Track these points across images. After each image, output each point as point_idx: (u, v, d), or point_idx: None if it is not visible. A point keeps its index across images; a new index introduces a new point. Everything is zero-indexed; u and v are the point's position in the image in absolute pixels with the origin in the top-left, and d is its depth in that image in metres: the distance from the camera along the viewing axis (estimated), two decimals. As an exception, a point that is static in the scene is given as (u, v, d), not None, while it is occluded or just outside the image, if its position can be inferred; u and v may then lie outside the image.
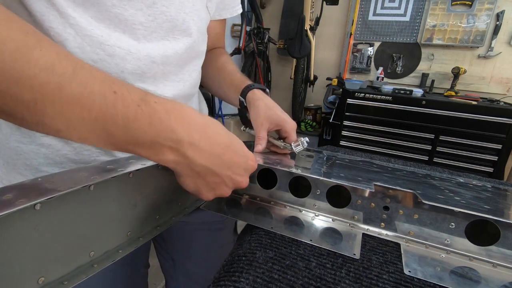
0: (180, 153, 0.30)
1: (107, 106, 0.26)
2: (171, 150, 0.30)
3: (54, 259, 0.28)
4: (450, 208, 0.38)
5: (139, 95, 0.28)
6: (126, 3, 0.39)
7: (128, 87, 0.28)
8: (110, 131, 0.27)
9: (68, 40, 0.38)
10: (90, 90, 0.26)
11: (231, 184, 0.36)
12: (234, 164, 0.34)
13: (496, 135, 1.93)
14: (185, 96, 0.52)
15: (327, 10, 2.51)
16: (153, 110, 0.28)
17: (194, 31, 0.47)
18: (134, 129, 0.28)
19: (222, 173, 0.34)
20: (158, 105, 0.28)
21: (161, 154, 0.30)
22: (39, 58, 0.24)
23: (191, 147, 0.30)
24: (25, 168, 0.43)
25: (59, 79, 0.25)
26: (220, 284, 0.32)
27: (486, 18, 2.19)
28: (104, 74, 0.28)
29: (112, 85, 0.27)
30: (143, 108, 0.28)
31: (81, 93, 0.25)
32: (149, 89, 0.45)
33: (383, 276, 0.34)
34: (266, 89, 0.58)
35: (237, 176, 0.36)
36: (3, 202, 0.24)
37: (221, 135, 0.33)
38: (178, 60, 0.47)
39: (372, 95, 2.15)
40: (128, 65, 0.41)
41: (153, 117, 0.28)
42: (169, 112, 0.29)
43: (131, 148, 0.29)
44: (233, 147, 0.34)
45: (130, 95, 0.28)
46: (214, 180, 0.34)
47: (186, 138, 0.30)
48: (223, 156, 0.33)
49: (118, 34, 0.40)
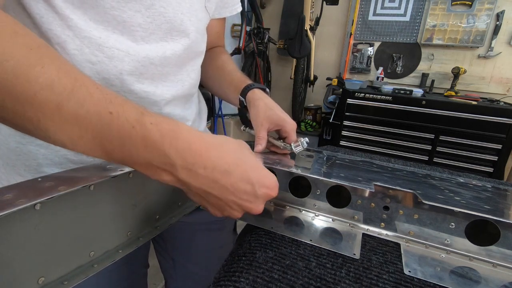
0: (174, 176, 0.30)
1: (102, 126, 0.27)
2: (166, 172, 0.30)
3: (54, 259, 0.28)
4: (450, 208, 0.38)
5: (135, 116, 0.28)
6: (124, 5, 0.39)
7: (124, 106, 0.28)
8: (108, 149, 0.28)
9: (67, 42, 0.38)
10: (86, 110, 0.26)
11: (238, 208, 0.34)
12: (238, 190, 0.32)
13: (496, 135, 1.93)
14: (184, 96, 0.52)
15: (327, 10, 2.51)
16: (148, 132, 0.28)
17: (192, 32, 0.47)
18: (129, 150, 0.28)
19: (223, 197, 0.32)
20: (153, 127, 0.28)
21: (158, 175, 0.30)
22: (40, 76, 0.25)
23: (184, 171, 0.29)
24: (25, 169, 0.43)
25: (57, 98, 0.25)
26: (220, 284, 0.32)
27: (486, 18, 2.19)
28: (102, 91, 0.28)
29: (109, 104, 0.27)
30: (138, 130, 0.28)
31: (78, 112, 0.26)
32: (148, 90, 0.45)
33: (383, 276, 0.34)
34: (266, 89, 0.58)
35: (244, 202, 0.33)
36: (3, 202, 0.24)
37: (220, 159, 0.31)
38: (177, 61, 0.47)
39: (372, 95, 2.15)
40: (127, 66, 0.41)
41: (147, 140, 0.28)
42: (164, 135, 0.28)
43: (129, 165, 0.30)
44: (237, 173, 0.31)
45: (125, 114, 0.27)
46: (217, 203, 0.33)
47: (179, 162, 0.29)
48: (221, 181, 0.31)
49: (117, 35, 0.40)
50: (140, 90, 0.44)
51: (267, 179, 0.34)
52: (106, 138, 0.27)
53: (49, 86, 0.25)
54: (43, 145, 0.42)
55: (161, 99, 0.47)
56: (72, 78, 0.26)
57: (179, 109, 0.52)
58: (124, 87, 0.42)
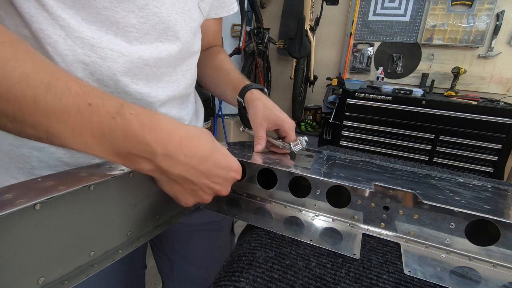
0: (155, 164, 0.31)
1: (82, 119, 0.27)
2: (146, 160, 0.31)
3: (54, 259, 0.28)
4: (450, 208, 0.38)
5: (115, 107, 0.28)
6: (117, 5, 0.38)
7: (104, 98, 0.28)
8: (87, 142, 0.28)
9: (58, 42, 0.37)
10: (65, 103, 0.26)
11: (209, 191, 0.37)
12: (212, 174, 0.35)
13: (496, 135, 1.93)
14: (180, 97, 0.52)
15: (327, 10, 2.51)
16: (128, 122, 0.28)
17: (186, 32, 0.47)
18: (109, 141, 0.28)
19: (198, 181, 0.35)
20: (133, 117, 0.29)
21: (137, 163, 0.31)
22: (14, 70, 0.24)
23: (164, 158, 0.31)
24: (18, 171, 0.42)
25: (34, 91, 0.25)
26: (220, 284, 0.32)
27: (486, 18, 2.19)
28: (80, 84, 0.28)
29: (88, 97, 0.27)
30: (118, 121, 0.28)
31: (56, 106, 0.26)
32: (143, 91, 0.44)
33: (383, 276, 0.34)
34: (265, 89, 0.58)
35: (215, 185, 0.36)
36: (3, 202, 0.24)
37: (199, 147, 0.33)
38: (171, 62, 0.47)
39: (372, 95, 2.15)
40: (121, 67, 0.41)
41: (127, 130, 0.28)
42: (144, 125, 0.29)
43: (109, 157, 0.30)
44: (212, 159, 0.34)
45: (105, 106, 0.28)
46: (191, 187, 0.35)
47: (159, 150, 0.30)
48: (199, 166, 0.33)
49: (110, 36, 0.39)
50: (135, 92, 0.44)
51: (234, 164, 0.38)
52: (85, 130, 0.27)
53: (24, 80, 0.25)
54: (37, 148, 0.42)
55: (156, 100, 0.47)
56: (48, 73, 0.26)
57: (175, 109, 0.52)
58: (119, 89, 0.42)
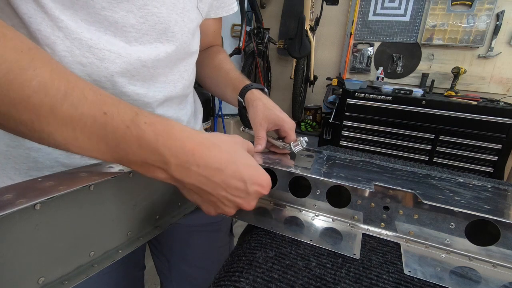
0: (168, 173, 0.31)
1: (97, 127, 0.27)
2: (160, 170, 0.31)
3: (54, 259, 0.28)
4: (450, 208, 0.38)
5: (130, 116, 0.28)
6: (116, 5, 0.38)
7: (119, 107, 0.28)
8: (103, 149, 0.28)
9: (56, 43, 0.37)
10: (81, 112, 0.26)
11: (230, 204, 0.35)
12: (230, 186, 0.33)
13: (496, 135, 1.93)
14: (178, 97, 0.52)
15: (327, 10, 2.51)
16: (142, 132, 0.28)
17: (185, 32, 0.47)
18: (124, 150, 0.29)
19: (215, 193, 0.33)
20: (148, 127, 0.29)
21: (152, 172, 0.31)
22: (32, 79, 0.25)
23: (178, 169, 0.30)
24: (14, 172, 0.42)
25: (51, 100, 0.25)
26: (220, 284, 0.32)
27: (486, 18, 2.19)
28: (96, 92, 0.28)
29: (103, 105, 0.27)
30: (132, 130, 0.28)
31: (72, 115, 0.26)
32: (140, 91, 0.44)
33: (383, 276, 0.34)
34: (265, 89, 0.58)
35: (237, 199, 0.34)
36: (3, 202, 0.24)
37: (213, 158, 0.32)
38: (168, 62, 0.46)
39: (372, 95, 2.15)
40: (118, 68, 0.41)
41: (142, 140, 0.28)
42: (158, 134, 0.29)
43: (125, 164, 0.30)
44: (229, 170, 0.32)
45: (120, 116, 0.28)
46: (209, 198, 0.34)
47: (173, 160, 0.30)
48: (213, 178, 0.32)
49: (109, 37, 0.39)
50: (133, 92, 0.43)
51: (259, 177, 0.35)
52: (101, 139, 0.28)
53: (42, 89, 0.25)
54: (33, 148, 0.41)
55: (153, 101, 0.46)
56: (65, 80, 0.26)
57: (172, 110, 0.52)
58: (116, 89, 0.42)
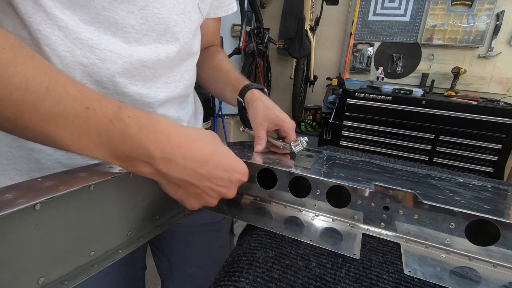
0: (153, 167, 0.31)
1: (80, 123, 0.27)
2: (145, 163, 0.31)
3: (54, 259, 0.28)
4: (450, 208, 0.38)
5: (113, 110, 0.29)
6: (116, 6, 0.38)
7: (101, 101, 0.28)
8: (86, 145, 0.28)
9: (57, 43, 0.36)
10: (63, 107, 0.26)
11: (214, 194, 0.36)
12: (215, 177, 0.34)
13: (496, 135, 1.93)
14: (179, 97, 0.52)
15: (327, 10, 2.51)
16: (126, 125, 0.28)
17: (186, 33, 0.47)
18: (107, 144, 0.29)
19: (201, 184, 0.34)
20: (131, 120, 0.29)
21: (136, 167, 0.31)
22: (14, 76, 0.25)
23: (163, 162, 0.30)
24: (16, 173, 0.42)
25: (33, 97, 0.25)
26: (221, 284, 0.32)
27: (486, 18, 2.19)
28: (79, 87, 0.28)
29: (85, 100, 0.28)
30: (115, 124, 0.28)
31: (54, 110, 0.26)
32: (141, 92, 0.44)
33: (383, 276, 0.34)
34: (265, 89, 0.58)
35: (221, 188, 0.35)
36: (3, 202, 0.24)
37: (199, 150, 0.32)
38: (169, 63, 0.46)
39: (372, 95, 2.15)
40: (119, 68, 0.40)
41: (125, 134, 0.29)
42: (142, 128, 0.29)
43: (108, 160, 0.30)
44: (214, 161, 0.33)
45: (103, 110, 0.28)
46: (194, 191, 0.35)
47: (158, 153, 0.30)
48: (200, 169, 0.33)
49: (109, 37, 0.39)
50: (134, 93, 0.43)
51: (238, 165, 0.37)
52: (83, 134, 0.28)
53: (24, 86, 0.25)
54: (35, 150, 0.41)
55: (155, 101, 0.46)
56: (47, 76, 0.26)
57: (173, 110, 0.52)
58: (118, 90, 0.42)
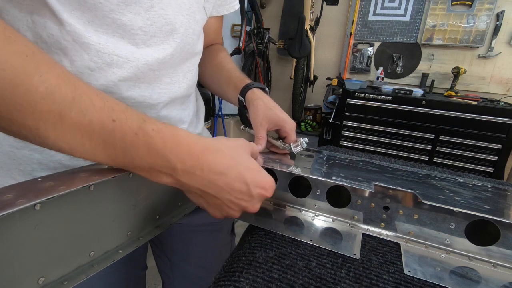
0: (175, 178, 0.32)
1: (105, 134, 0.28)
2: (167, 175, 0.32)
3: (54, 259, 0.28)
4: (450, 208, 0.38)
5: (138, 122, 0.29)
6: (124, 8, 0.38)
7: (127, 113, 0.29)
8: (110, 155, 0.29)
9: (68, 48, 0.36)
10: (89, 119, 0.27)
11: (235, 207, 0.36)
12: (233, 189, 0.34)
13: (496, 135, 1.93)
14: (182, 97, 0.52)
15: (327, 10, 2.51)
16: (150, 138, 0.29)
17: (189, 34, 0.47)
18: (132, 155, 0.29)
19: (220, 196, 0.34)
20: (156, 134, 0.30)
21: (158, 177, 0.32)
22: (39, 85, 0.24)
23: (183, 173, 0.31)
24: (19, 173, 0.42)
25: (59, 107, 0.25)
26: (220, 284, 0.32)
27: (486, 18, 2.19)
28: (103, 98, 0.28)
29: (111, 112, 0.28)
30: (140, 137, 0.29)
31: (81, 122, 0.26)
32: (145, 94, 0.44)
33: (383, 276, 0.34)
34: (266, 88, 0.58)
35: (241, 201, 0.35)
36: (3, 202, 0.24)
37: (216, 162, 0.32)
38: (172, 63, 0.46)
39: (372, 95, 2.14)
40: (126, 73, 0.41)
41: (150, 146, 0.29)
42: (166, 141, 0.30)
43: (130, 169, 0.31)
44: (232, 174, 0.33)
45: (128, 122, 0.29)
46: (215, 202, 0.35)
47: (179, 165, 0.31)
48: (218, 182, 0.33)
49: (116, 39, 0.39)
50: (138, 95, 0.43)
51: (262, 179, 0.36)
52: (109, 145, 0.28)
53: (49, 96, 0.25)
54: (38, 150, 0.41)
55: (158, 102, 0.46)
56: (72, 86, 0.26)
57: (176, 110, 0.52)
58: (123, 93, 0.42)
